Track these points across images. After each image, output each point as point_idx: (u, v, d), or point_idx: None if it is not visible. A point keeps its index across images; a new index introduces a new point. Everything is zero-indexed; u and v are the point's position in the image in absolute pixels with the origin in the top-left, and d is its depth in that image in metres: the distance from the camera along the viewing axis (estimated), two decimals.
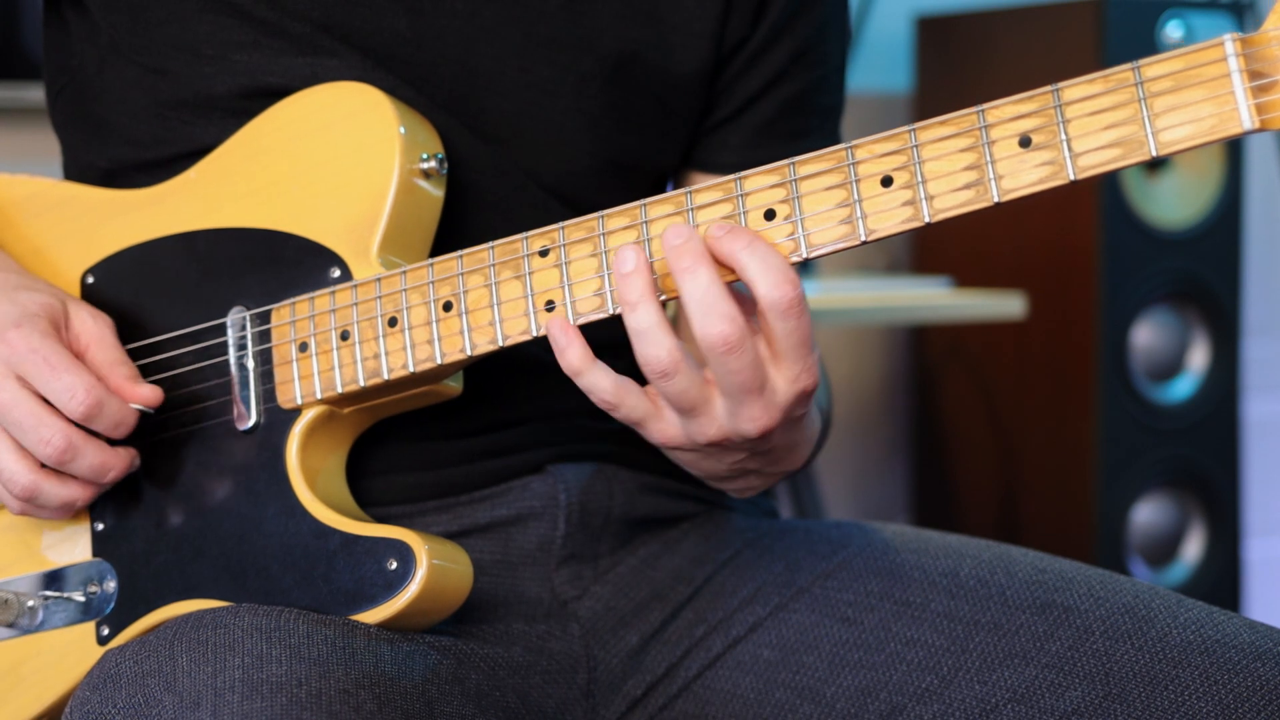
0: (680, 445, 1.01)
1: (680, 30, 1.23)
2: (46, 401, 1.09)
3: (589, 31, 1.20)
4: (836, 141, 1.28)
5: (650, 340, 0.97)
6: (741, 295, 0.98)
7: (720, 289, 0.96)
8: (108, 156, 1.23)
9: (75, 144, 1.28)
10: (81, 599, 1.15)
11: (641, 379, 1.00)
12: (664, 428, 1.01)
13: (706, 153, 1.27)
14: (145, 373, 1.15)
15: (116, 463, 1.11)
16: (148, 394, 1.12)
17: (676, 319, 1.14)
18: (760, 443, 1.01)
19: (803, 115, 1.27)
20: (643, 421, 1.01)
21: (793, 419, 1.01)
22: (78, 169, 1.27)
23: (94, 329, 1.13)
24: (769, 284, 0.95)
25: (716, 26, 1.23)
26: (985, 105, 0.93)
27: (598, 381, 1.00)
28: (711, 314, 0.95)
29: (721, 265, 0.97)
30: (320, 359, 1.10)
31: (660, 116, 1.24)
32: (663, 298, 0.99)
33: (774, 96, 1.26)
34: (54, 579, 1.17)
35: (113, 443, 1.12)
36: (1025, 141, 0.92)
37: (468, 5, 1.18)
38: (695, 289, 0.96)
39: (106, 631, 1.14)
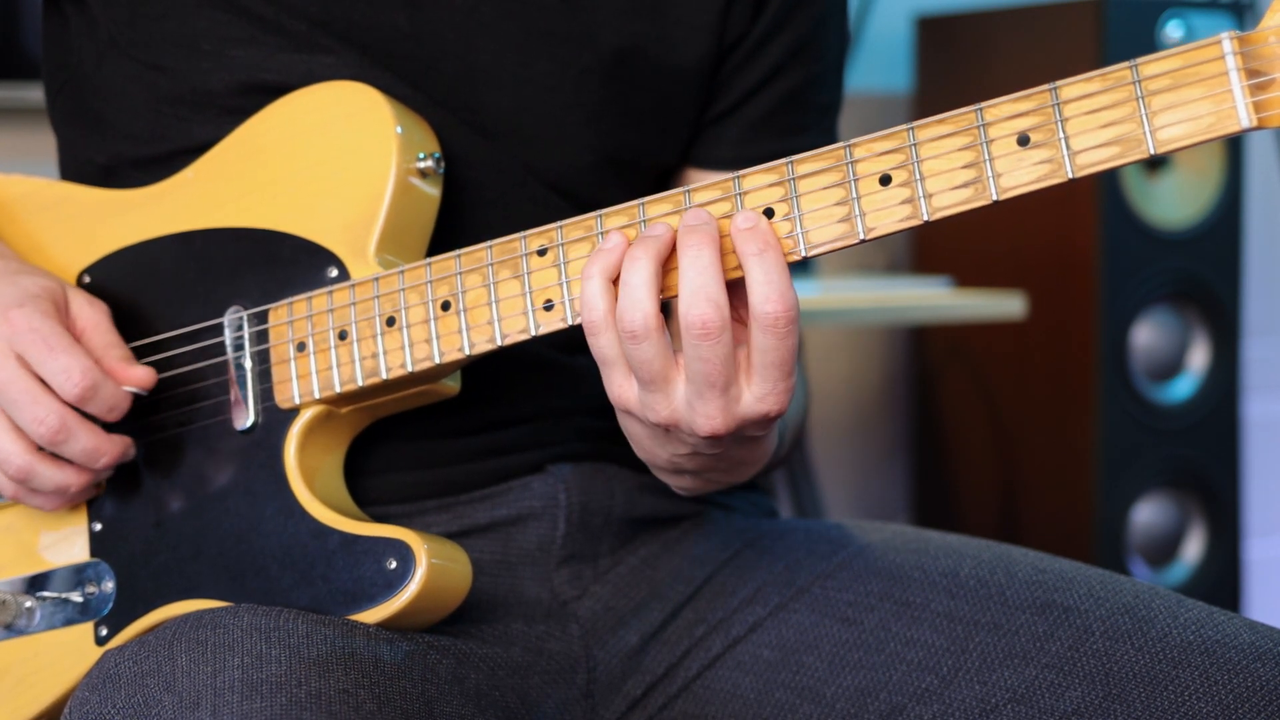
0: (633, 411, 1.00)
1: (682, 24, 1.23)
2: (43, 382, 1.09)
3: (589, 26, 1.20)
4: (833, 139, 1.28)
5: (633, 298, 0.96)
6: (742, 298, 0.97)
7: (715, 275, 0.95)
8: (106, 152, 1.24)
9: (74, 140, 1.28)
10: (79, 600, 1.15)
11: None
12: (624, 384, 0.99)
13: (704, 148, 1.27)
14: None
15: (110, 448, 1.11)
16: (141, 375, 1.12)
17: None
18: (707, 445, 1.00)
19: (799, 111, 1.27)
20: (610, 364, 0.99)
21: (747, 436, 1.00)
22: (75, 165, 1.28)
23: (91, 314, 1.13)
24: (762, 296, 0.95)
25: (718, 20, 1.23)
26: (983, 104, 0.93)
27: (594, 292, 0.98)
28: (699, 295, 0.95)
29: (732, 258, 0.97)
30: (318, 358, 1.10)
31: (660, 111, 1.24)
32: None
33: (771, 91, 1.26)
34: (52, 580, 1.17)
35: (109, 431, 1.12)
36: (1023, 140, 0.92)
37: (467, 0, 1.18)
38: (692, 268, 0.96)
39: (105, 632, 1.14)
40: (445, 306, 1.06)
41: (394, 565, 1.05)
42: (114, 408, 1.11)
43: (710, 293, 0.95)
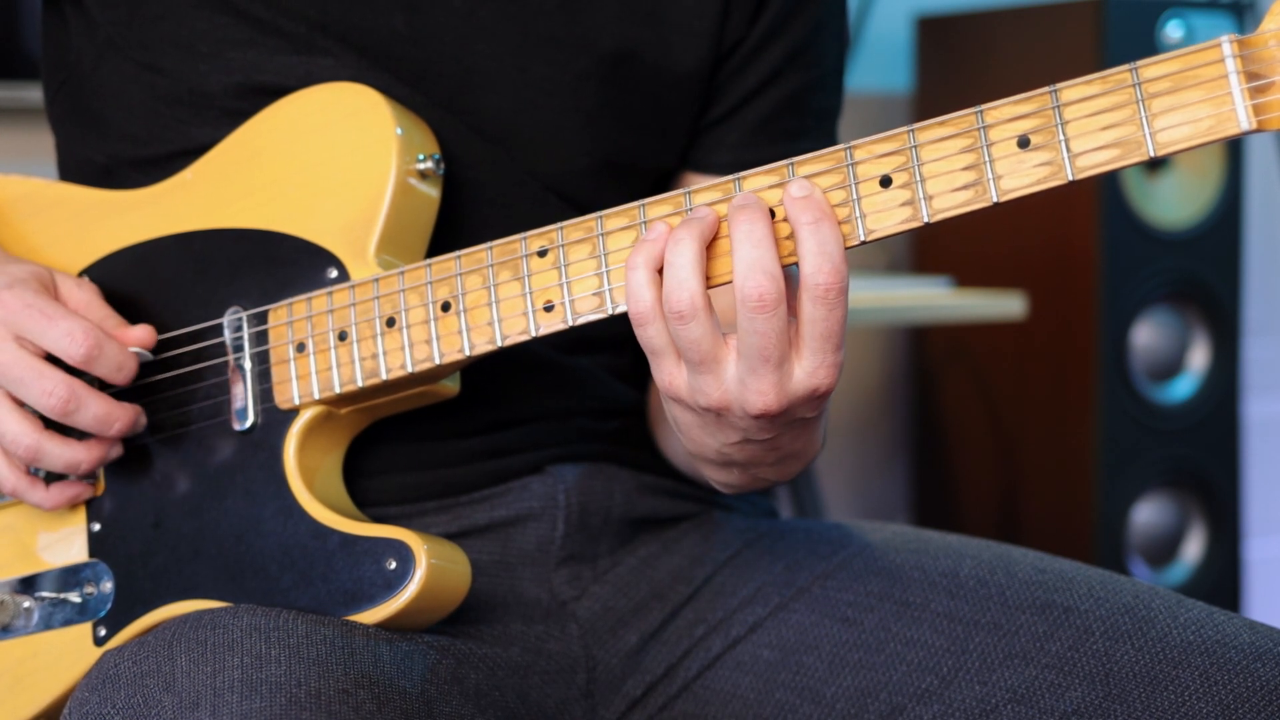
0: (682, 398, 0.99)
1: (680, 29, 1.23)
2: (45, 358, 1.09)
3: (587, 30, 1.20)
4: (833, 143, 1.28)
5: (678, 279, 0.95)
6: (789, 275, 0.96)
7: (770, 248, 0.94)
8: (105, 152, 1.24)
9: (72, 139, 1.28)
10: (78, 600, 1.15)
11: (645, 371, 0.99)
12: (673, 370, 0.98)
13: (702, 152, 1.27)
14: (141, 372, 1.15)
15: (122, 414, 1.11)
16: (141, 334, 1.13)
17: None
18: (758, 426, 0.98)
19: (798, 116, 1.27)
20: (659, 353, 0.98)
21: (797, 418, 0.99)
22: (75, 164, 1.28)
23: (81, 295, 1.14)
24: (814, 266, 0.93)
25: (715, 25, 1.23)
26: (984, 106, 0.93)
27: (641, 282, 0.97)
28: (754, 268, 0.94)
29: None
30: (318, 359, 1.10)
31: (658, 115, 1.24)
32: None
33: (769, 95, 1.26)
34: (50, 580, 1.17)
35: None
36: (1024, 142, 0.92)
37: (465, 3, 1.18)
38: (746, 241, 0.94)
39: (104, 632, 1.14)
40: (445, 307, 1.06)
41: (393, 566, 1.05)
42: (121, 367, 1.11)
43: (766, 265, 0.94)
